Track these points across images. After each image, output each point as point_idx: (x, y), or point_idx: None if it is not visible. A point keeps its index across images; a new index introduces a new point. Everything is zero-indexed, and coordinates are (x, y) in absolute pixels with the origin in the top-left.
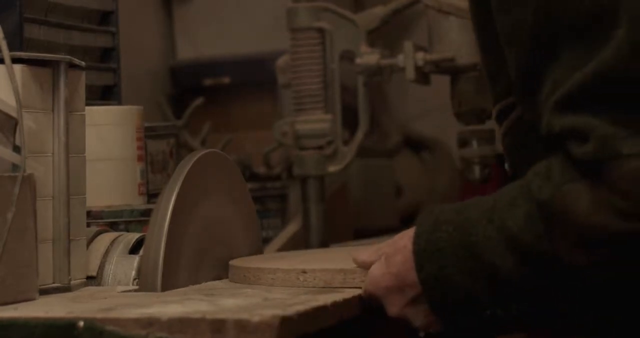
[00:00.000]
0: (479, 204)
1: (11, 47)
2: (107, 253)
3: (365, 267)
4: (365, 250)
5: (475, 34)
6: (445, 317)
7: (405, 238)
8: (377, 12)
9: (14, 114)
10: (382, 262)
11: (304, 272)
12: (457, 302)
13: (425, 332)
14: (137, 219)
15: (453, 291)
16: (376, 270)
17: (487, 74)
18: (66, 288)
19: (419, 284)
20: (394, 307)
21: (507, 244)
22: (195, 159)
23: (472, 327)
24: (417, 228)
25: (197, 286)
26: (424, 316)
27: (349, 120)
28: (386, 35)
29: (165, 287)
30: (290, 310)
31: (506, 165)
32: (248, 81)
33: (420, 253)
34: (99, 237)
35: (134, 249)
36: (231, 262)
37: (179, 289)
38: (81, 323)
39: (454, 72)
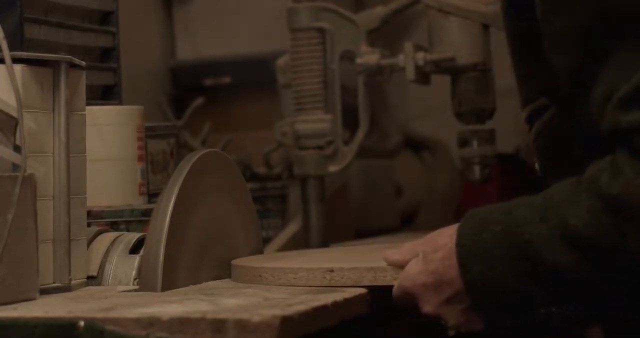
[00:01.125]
0: (527, 204)
1: (11, 47)
2: (107, 253)
3: (399, 265)
4: (397, 249)
5: (506, 36)
6: (491, 317)
7: (444, 237)
8: (378, 12)
9: (14, 113)
10: (419, 259)
11: (331, 270)
12: (506, 302)
13: (457, 331)
14: (138, 219)
15: (503, 291)
16: (413, 267)
17: (517, 75)
18: (66, 288)
19: (457, 283)
20: (429, 305)
21: (568, 241)
22: (195, 158)
23: (519, 327)
24: (460, 229)
25: (197, 286)
26: (460, 315)
27: (349, 120)
28: (386, 35)
29: (166, 286)
30: (291, 310)
31: (536, 166)
32: (248, 81)
33: (465, 254)
34: (100, 237)
35: (135, 249)
36: (240, 262)
37: (179, 289)
38: (81, 323)
39: (454, 72)
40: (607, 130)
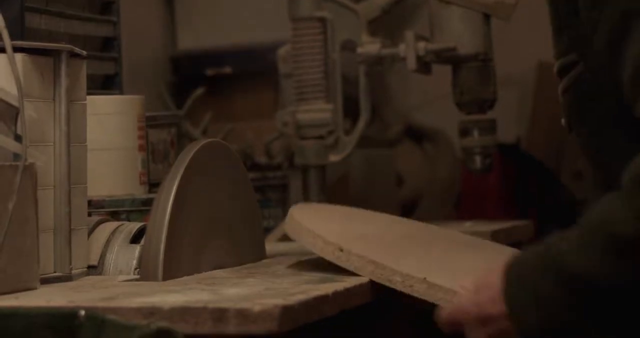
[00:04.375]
0: (562, 239)
1: (12, 37)
2: (108, 242)
3: None
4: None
5: None
6: None
7: (494, 274)
8: (379, 2)
9: (15, 103)
10: (471, 291)
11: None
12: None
13: None
14: (138, 209)
15: (565, 333)
16: (465, 299)
17: (552, 28)
18: (67, 278)
19: (503, 322)
20: (477, 334)
21: (615, 255)
22: (196, 148)
23: None
24: (504, 285)
25: (198, 275)
26: None
27: (350, 110)
28: (387, 24)
29: (167, 276)
30: (292, 300)
31: (562, 121)
32: (249, 71)
33: (515, 308)
34: (100, 227)
35: (135, 239)
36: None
37: (180, 278)
38: (82, 313)
39: (456, 61)
40: None
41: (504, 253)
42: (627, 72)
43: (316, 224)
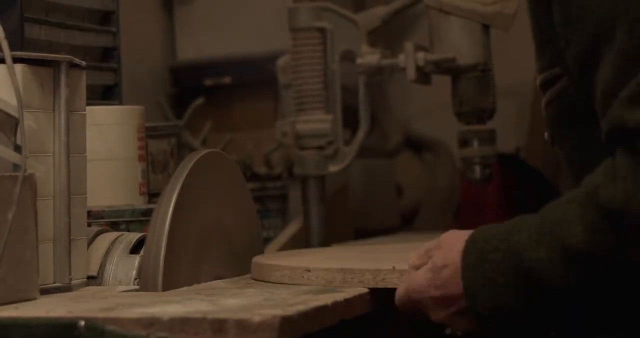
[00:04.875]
0: (524, 226)
1: (12, 47)
2: (107, 253)
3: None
4: (415, 253)
5: (528, 6)
6: None
7: (454, 253)
8: (378, 12)
9: (14, 113)
10: (428, 270)
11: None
12: (516, 326)
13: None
14: (138, 219)
15: (511, 318)
16: (421, 278)
17: (534, 41)
18: (67, 288)
19: (463, 298)
20: (437, 316)
21: (567, 261)
22: (196, 159)
23: None
24: (464, 259)
25: (197, 286)
26: (467, 324)
27: (350, 120)
28: (387, 35)
29: (166, 286)
30: (291, 310)
31: (545, 135)
32: (249, 81)
33: (471, 284)
34: (100, 237)
35: (135, 249)
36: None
37: (179, 289)
38: (82, 323)
39: (455, 72)
40: (609, 125)
41: None
42: (597, 98)
43: (281, 260)
